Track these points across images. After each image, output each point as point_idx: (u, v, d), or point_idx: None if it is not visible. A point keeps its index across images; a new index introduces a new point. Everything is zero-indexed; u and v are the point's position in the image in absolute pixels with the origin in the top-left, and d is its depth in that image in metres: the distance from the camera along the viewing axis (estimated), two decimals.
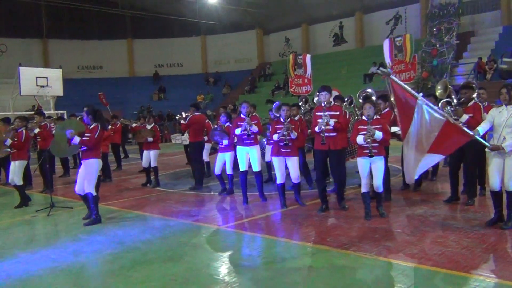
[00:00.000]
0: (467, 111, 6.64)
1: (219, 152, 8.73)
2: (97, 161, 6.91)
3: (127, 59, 35.20)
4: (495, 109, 5.64)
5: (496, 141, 5.51)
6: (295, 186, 7.48)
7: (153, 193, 9.47)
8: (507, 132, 5.40)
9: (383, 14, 28.46)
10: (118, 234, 6.22)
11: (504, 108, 5.52)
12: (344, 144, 6.99)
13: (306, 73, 11.74)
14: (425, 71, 20.78)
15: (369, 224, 6.11)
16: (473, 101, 6.79)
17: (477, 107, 6.69)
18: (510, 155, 5.40)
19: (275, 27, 33.82)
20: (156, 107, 30.62)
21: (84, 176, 6.90)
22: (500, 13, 23.48)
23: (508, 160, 5.42)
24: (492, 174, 5.63)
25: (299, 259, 4.92)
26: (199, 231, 6.27)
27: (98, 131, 6.85)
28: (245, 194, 7.97)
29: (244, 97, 29.55)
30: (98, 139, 6.86)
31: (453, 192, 7.19)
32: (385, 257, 4.77)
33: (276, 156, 7.27)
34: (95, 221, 6.87)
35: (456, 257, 4.62)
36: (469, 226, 5.79)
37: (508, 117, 5.40)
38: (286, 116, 7.16)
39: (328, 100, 6.83)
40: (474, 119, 6.42)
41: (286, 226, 6.33)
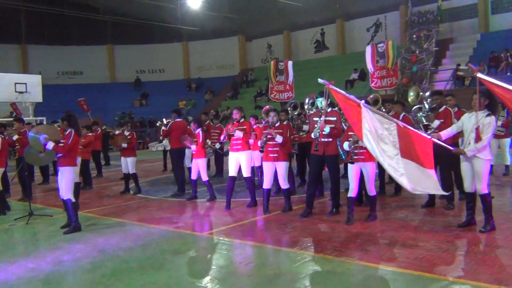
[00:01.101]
0: (438, 116, 6.91)
1: (193, 159, 8.87)
2: (71, 168, 6.81)
3: (108, 65, 34.89)
4: (467, 115, 5.81)
5: (463, 146, 5.71)
6: (283, 191, 7.49)
7: (134, 200, 9.37)
8: (472, 137, 5.57)
9: (364, 21, 28.84)
10: (98, 242, 6.13)
11: (474, 114, 5.66)
12: (338, 151, 7.06)
13: (288, 79, 11.80)
14: (405, 77, 21.08)
15: (351, 229, 6.14)
16: (443, 107, 7.06)
17: (448, 113, 6.98)
18: (474, 159, 5.59)
19: (257, 33, 33.97)
20: (138, 113, 30.39)
21: (61, 183, 6.82)
22: (478, 20, 24.01)
23: (474, 165, 5.62)
24: (464, 177, 5.84)
25: (283, 265, 4.91)
26: (181, 238, 6.22)
27: (71, 137, 6.74)
28: (228, 200, 7.94)
29: (227, 103, 29.55)
30: (72, 145, 6.74)
31: (430, 196, 7.28)
32: (368, 261, 4.80)
33: (266, 161, 7.35)
34: (75, 229, 6.77)
35: (436, 261, 4.68)
36: (449, 230, 5.86)
37: (475, 123, 5.56)
38: (273, 122, 7.25)
39: (326, 106, 6.89)
40: (445, 124, 6.66)
41: (269, 232, 6.33)
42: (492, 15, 23.90)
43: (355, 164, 6.45)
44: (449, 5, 24.43)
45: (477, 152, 5.53)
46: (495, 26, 23.63)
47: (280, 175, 7.31)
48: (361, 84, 23.61)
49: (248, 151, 7.94)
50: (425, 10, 22.95)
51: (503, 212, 6.79)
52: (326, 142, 6.79)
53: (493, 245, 5.19)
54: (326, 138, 6.78)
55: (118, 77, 34.94)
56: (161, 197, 9.58)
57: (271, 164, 7.28)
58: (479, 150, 5.53)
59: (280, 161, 7.24)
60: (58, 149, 6.69)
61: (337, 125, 6.79)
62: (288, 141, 7.45)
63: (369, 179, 6.49)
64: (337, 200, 7.11)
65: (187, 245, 5.92)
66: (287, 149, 7.52)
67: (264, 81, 29.10)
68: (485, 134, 5.49)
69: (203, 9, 29.22)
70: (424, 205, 7.30)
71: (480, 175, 5.59)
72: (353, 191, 6.50)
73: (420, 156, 5.43)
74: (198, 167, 8.72)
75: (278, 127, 7.27)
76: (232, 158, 7.93)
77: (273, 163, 7.27)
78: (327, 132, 6.70)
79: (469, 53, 22.77)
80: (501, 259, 4.69)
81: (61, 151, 6.71)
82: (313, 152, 6.90)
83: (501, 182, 9.47)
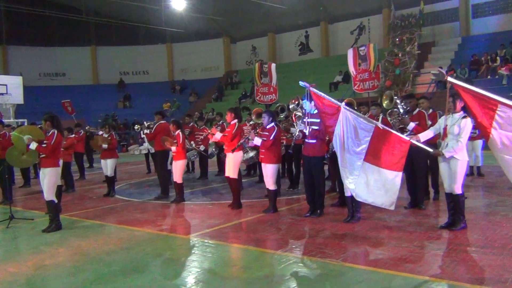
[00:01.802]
0: (412, 119, 7.12)
1: (173, 160, 8.94)
2: (54, 169, 6.80)
3: (91, 66, 34.54)
4: (444, 117, 5.94)
5: (440, 147, 5.84)
6: (269, 192, 7.58)
7: (117, 203, 9.28)
8: (450, 139, 5.73)
9: (348, 24, 29.07)
10: (80, 246, 6.06)
11: (450, 116, 5.79)
12: (323, 152, 7.12)
13: (271, 81, 11.83)
14: (388, 80, 21.32)
15: (336, 230, 6.18)
16: (417, 110, 7.31)
17: (422, 115, 7.23)
18: (452, 160, 5.72)
19: (242, 35, 34.00)
20: (121, 115, 30.15)
21: (44, 184, 6.81)
22: (459, 24, 24.39)
23: (452, 165, 5.76)
24: (443, 178, 5.97)
25: (267, 267, 4.91)
26: (165, 241, 6.18)
27: (54, 137, 6.72)
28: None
29: (212, 105, 29.49)
30: (55, 145, 6.72)
31: (413, 197, 7.39)
32: (351, 262, 4.83)
33: (260, 162, 7.75)
34: (56, 227, 6.80)
35: (419, 261, 4.73)
36: (431, 230, 5.94)
37: (452, 125, 5.70)
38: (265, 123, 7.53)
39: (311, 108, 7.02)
40: (420, 126, 6.90)
41: (253, 234, 6.32)
42: (473, 19, 24.30)
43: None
44: (431, 9, 24.78)
45: (454, 153, 5.68)
46: (476, 30, 24.04)
47: (266, 176, 7.48)
48: (345, 87, 23.80)
49: (233, 153, 7.95)
50: (408, 13, 23.27)
51: (478, 212, 6.95)
52: (310, 144, 6.90)
53: (468, 244, 5.30)
54: (311, 139, 6.88)
55: (102, 79, 34.62)
56: (145, 199, 9.50)
57: (263, 165, 7.56)
58: (456, 151, 5.67)
59: (266, 162, 7.41)
60: (41, 149, 6.65)
61: (321, 127, 6.84)
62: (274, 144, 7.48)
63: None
64: (321, 202, 7.16)
65: (171, 248, 5.89)
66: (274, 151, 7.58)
67: (249, 83, 29.15)
68: (462, 136, 5.62)
69: (187, 11, 29.13)
70: (407, 206, 7.37)
71: (456, 175, 5.74)
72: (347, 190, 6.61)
73: (391, 159, 5.59)
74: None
75: (267, 129, 7.46)
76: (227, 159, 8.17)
77: (264, 164, 7.52)
78: (307, 133, 6.87)
79: (450, 56, 23.13)
80: (476, 258, 4.78)
81: (44, 152, 6.67)
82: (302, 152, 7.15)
83: (473, 183, 9.66)
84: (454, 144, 5.66)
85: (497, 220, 6.39)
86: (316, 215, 7.03)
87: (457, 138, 5.65)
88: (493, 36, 22.81)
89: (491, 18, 23.62)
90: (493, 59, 20.61)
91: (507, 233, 5.68)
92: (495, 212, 6.91)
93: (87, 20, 30.85)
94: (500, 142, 4.79)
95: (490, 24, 23.47)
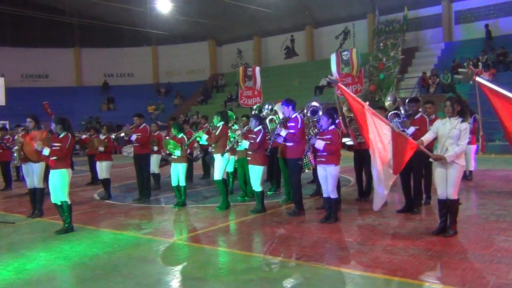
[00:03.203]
0: (413, 123, 6.99)
1: (173, 163, 8.68)
2: (67, 171, 6.88)
3: (75, 68, 34.18)
4: (440, 121, 5.89)
5: (439, 152, 5.77)
6: (255, 194, 7.69)
7: (101, 206, 9.19)
8: (450, 143, 5.67)
9: (333, 28, 29.29)
10: (63, 249, 5.97)
11: (447, 120, 5.77)
12: (299, 155, 7.14)
13: (256, 85, 11.83)
14: (372, 85, 21.52)
15: (321, 234, 6.20)
16: (419, 114, 7.16)
17: (423, 120, 7.05)
18: (452, 165, 5.66)
19: (228, 38, 34.00)
20: (105, 117, 29.82)
21: (56, 186, 6.84)
22: (442, 30, 24.76)
23: (450, 170, 5.70)
24: (438, 184, 5.87)
25: (252, 270, 4.90)
26: (150, 245, 6.13)
27: (69, 140, 6.86)
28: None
29: (197, 108, 29.42)
30: (69, 148, 6.88)
31: (407, 201, 7.34)
32: (336, 266, 4.85)
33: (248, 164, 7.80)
34: (68, 229, 6.87)
35: (404, 265, 4.77)
36: (415, 234, 5.98)
37: (451, 129, 5.66)
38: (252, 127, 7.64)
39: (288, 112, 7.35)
40: (419, 131, 6.73)
41: (238, 237, 6.32)
42: (455, 25, 24.70)
43: (319, 166, 6.73)
44: (415, 15, 25.09)
45: (455, 157, 5.62)
46: (459, 36, 24.43)
47: (252, 178, 7.64)
48: (330, 91, 23.90)
49: (219, 154, 8.02)
50: (392, 19, 23.57)
51: (468, 216, 6.99)
52: (288, 146, 7.28)
53: (459, 249, 5.33)
54: (286, 142, 7.25)
55: (85, 81, 34.28)
56: (130, 202, 9.42)
57: (250, 166, 7.68)
58: (458, 156, 5.62)
59: (253, 164, 7.57)
60: (56, 152, 6.76)
61: (296, 131, 7.12)
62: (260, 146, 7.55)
63: (331, 181, 6.65)
64: (297, 200, 7.38)
65: (155, 251, 5.85)
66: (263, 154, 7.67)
67: (234, 87, 29.11)
68: (462, 140, 5.61)
69: (173, 13, 29.02)
70: (401, 210, 7.34)
71: (454, 180, 5.68)
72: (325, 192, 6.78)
73: (398, 161, 5.57)
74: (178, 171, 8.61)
75: (254, 132, 7.58)
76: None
77: (250, 166, 7.65)
78: (283, 135, 7.17)
79: (433, 61, 23.48)
80: (466, 263, 4.82)
81: (59, 155, 6.78)
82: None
83: (465, 187, 9.75)
84: (456, 148, 5.60)
85: (479, 223, 6.47)
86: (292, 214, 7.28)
87: (457, 142, 5.62)
88: (475, 42, 23.20)
89: (474, 25, 24.01)
90: (475, 65, 20.94)
91: (489, 236, 5.75)
92: (477, 215, 7.00)
93: (70, 21, 30.55)
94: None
95: (473, 30, 23.86)
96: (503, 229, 6.04)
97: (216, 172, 8.05)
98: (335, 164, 6.64)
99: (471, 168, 10.47)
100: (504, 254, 4.98)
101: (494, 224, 6.37)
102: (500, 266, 4.62)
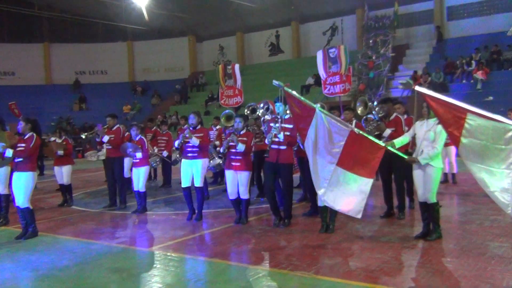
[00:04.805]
0: (388, 125, 7.18)
1: (133, 167, 8.74)
2: (32, 174, 6.86)
3: (44, 65, 33.71)
4: (418, 123, 6.07)
5: (416, 154, 5.95)
6: (243, 202, 7.47)
7: (71, 214, 9.08)
8: (425, 145, 5.85)
9: (320, 24, 29.45)
10: (30, 260, 5.89)
11: (425, 122, 5.94)
12: (292, 160, 7.16)
13: (236, 83, 11.77)
14: (362, 83, 21.70)
15: (307, 241, 6.22)
16: (394, 115, 7.35)
17: (398, 121, 7.27)
18: (427, 167, 5.84)
19: (209, 34, 33.94)
20: (77, 118, 29.52)
21: (19, 189, 6.82)
22: (434, 27, 25.06)
23: (426, 173, 5.88)
24: (417, 186, 6.08)
25: (235, 280, 4.90)
26: (125, 255, 6.09)
27: (33, 140, 6.85)
28: (191, 208, 7.93)
29: (176, 108, 29.30)
30: (34, 149, 6.85)
31: (389, 206, 7.50)
32: (323, 275, 4.87)
33: (228, 169, 7.40)
34: (32, 234, 6.94)
35: (394, 273, 4.82)
36: (406, 241, 6.05)
37: (427, 131, 5.84)
38: (238, 129, 7.34)
39: (284, 111, 7.05)
40: (396, 132, 6.93)
41: (221, 246, 6.30)
42: (448, 21, 25.02)
43: None
44: (406, 11, 25.35)
45: (430, 160, 5.80)
46: (451, 33, 24.76)
47: (241, 185, 7.34)
48: (317, 90, 24.02)
49: (204, 159, 7.90)
50: (382, 14, 23.79)
51: (453, 221, 7.14)
52: (280, 150, 6.92)
53: (443, 254, 5.43)
54: (281, 145, 6.89)
55: (55, 79, 33.83)
56: (102, 209, 9.32)
57: (233, 172, 7.33)
58: (432, 158, 5.79)
59: (242, 170, 7.28)
60: (20, 153, 6.74)
61: (293, 133, 6.89)
62: (251, 150, 7.53)
63: None
64: (289, 212, 7.20)
65: (131, 262, 5.80)
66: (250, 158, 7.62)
67: (216, 85, 28.94)
68: (437, 143, 5.76)
69: (150, 6, 28.85)
70: (384, 215, 7.47)
71: (431, 183, 5.87)
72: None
73: (364, 165, 5.70)
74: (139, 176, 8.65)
75: (243, 135, 7.33)
76: (185, 167, 7.84)
77: (236, 172, 7.30)
78: (281, 138, 6.83)
79: (425, 59, 23.73)
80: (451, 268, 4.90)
81: (22, 155, 6.76)
82: (267, 158, 7.06)
83: (448, 190, 9.90)
84: (430, 151, 5.78)
85: (472, 229, 6.57)
86: (283, 225, 7.06)
87: (432, 144, 5.78)
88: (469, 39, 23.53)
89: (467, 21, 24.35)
90: (468, 63, 21.28)
91: (482, 242, 5.84)
92: (470, 221, 7.11)
93: (39, 15, 30.16)
94: (471, 150, 4.92)
95: (466, 27, 24.14)
96: (497, 235, 6.15)
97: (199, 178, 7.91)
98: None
99: (454, 171, 10.62)
100: (498, 261, 5.06)
101: (488, 230, 6.48)
102: (495, 273, 4.69)
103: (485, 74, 20.09)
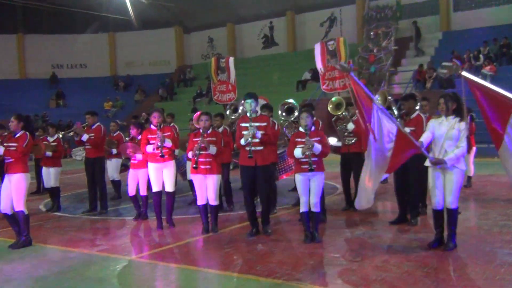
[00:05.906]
0: (409, 124, 6.90)
1: (131, 169, 8.57)
2: (24, 175, 6.84)
3: (17, 57, 33.51)
4: (435, 120, 5.96)
5: (436, 154, 5.82)
6: (211, 209, 7.33)
7: (48, 219, 9.05)
8: (449, 145, 5.73)
9: (317, 15, 29.51)
10: (3, 270, 5.87)
11: (443, 119, 5.86)
12: (273, 159, 7.07)
13: (229, 78, 11.74)
14: (362, 79, 21.74)
15: (304, 249, 6.23)
16: (416, 113, 7.11)
17: (420, 120, 6.99)
18: (452, 169, 5.73)
19: (197, 25, 33.92)
20: (54, 115, 29.35)
21: (10, 193, 6.80)
22: (440, 18, 25.15)
23: (449, 175, 5.75)
24: (434, 192, 5.91)
25: None
26: (106, 264, 6.06)
27: (27, 139, 6.84)
28: (159, 217, 7.81)
29: (161, 105, 29.20)
30: (26, 149, 6.85)
31: (402, 211, 7.37)
32: (322, 285, 4.88)
33: (196, 174, 7.20)
34: (25, 242, 6.85)
35: (397, 283, 4.83)
36: (410, 248, 6.07)
37: (449, 129, 5.74)
38: (205, 128, 7.14)
39: (255, 109, 6.86)
40: (415, 132, 6.51)
41: (208, 254, 6.31)
42: (454, 12, 25.13)
43: (303, 175, 6.45)
44: (409, 0, 25.41)
45: (456, 161, 5.67)
46: (457, 25, 24.85)
47: (210, 189, 7.17)
48: (314, 85, 24.06)
49: (172, 161, 7.83)
50: (383, 5, 23.80)
51: (467, 228, 7.11)
52: (258, 151, 6.73)
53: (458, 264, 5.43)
54: (257, 146, 6.72)
55: (30, 73, 33.68)
56: (82, 214, 9.29)
57: (202, 176, 7.17)
58: (459, 159, 5.68)
59: (212, 174, 7.14)
60: (11, 153, 6.73)
61: (267, 131, 6.78)
62: (225, 151, 7.42)
63: (316, 192, 6.47)
64: (267, 216, 7.12)
65: (112, 271, 5.78)
66: (222, 160, 7.54)
67: (205, 80, 29.08)
68: (463, 141, 5.67)
69: None
70: (394, 221, 7.36)
71: (454, 187, 5.74)
72: (305, 205, 6.49)
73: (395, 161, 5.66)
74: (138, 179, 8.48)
75: (210, 134, 7.18)
76: (154, 171, 7.76)
77: (205, 176, 7.15)
78: (259, 138, 6.66)
79: (430, 53, 23.83)
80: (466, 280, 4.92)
81: (14, 156, 6.74)
82: (244, 162, 6.83)
83: (464, 195, 9.91)
84: (457, 151, 5.65)
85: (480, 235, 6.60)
86: (268, 234, 6.96)
87: (457, 143, 5.68)
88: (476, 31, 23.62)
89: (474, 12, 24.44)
90: (476, 57, 21.39)
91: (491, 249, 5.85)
92: (478, 226, 7.17)
93: (13, 3, 29.97)
94: None
95: (472, 18, 24.21)
96: (507, 242, 6.18)
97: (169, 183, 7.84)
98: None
99: (470, 174, 10.66)
100: (508, 270, 5.09)
101: (497, 236, 6.51)
102: (504, 283, 4.73)
103: (494, 69, 20.18)
